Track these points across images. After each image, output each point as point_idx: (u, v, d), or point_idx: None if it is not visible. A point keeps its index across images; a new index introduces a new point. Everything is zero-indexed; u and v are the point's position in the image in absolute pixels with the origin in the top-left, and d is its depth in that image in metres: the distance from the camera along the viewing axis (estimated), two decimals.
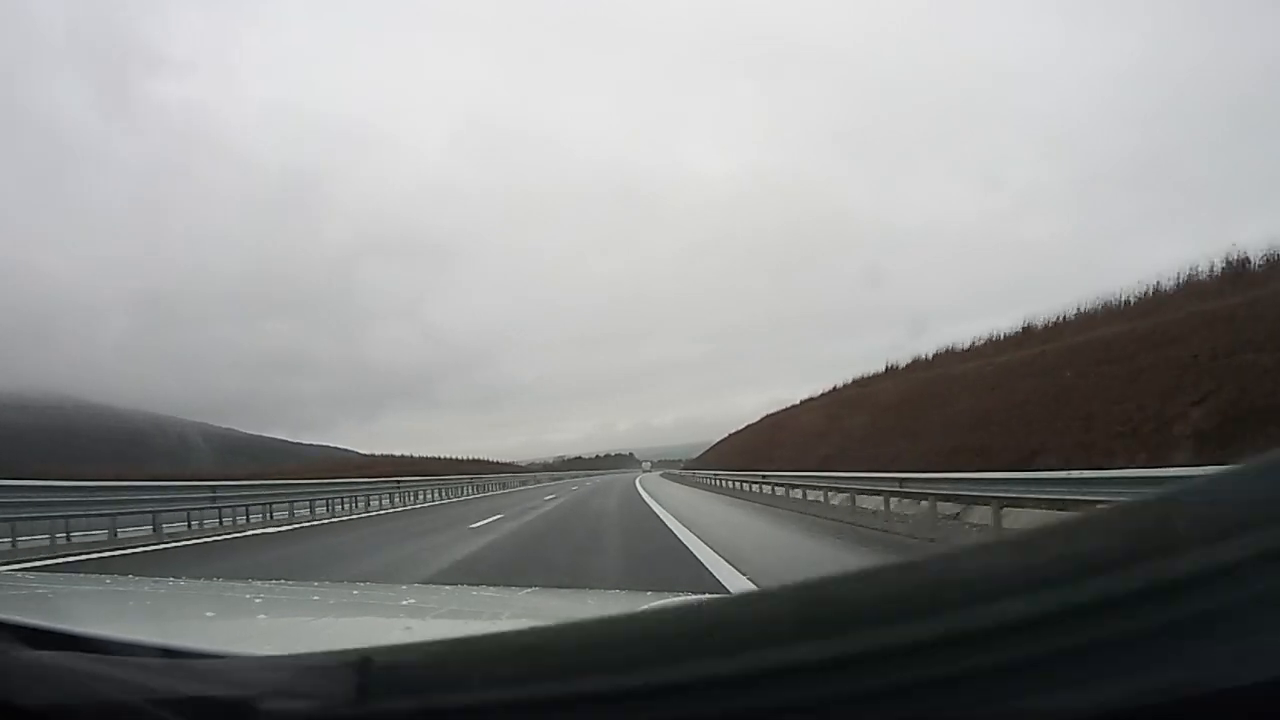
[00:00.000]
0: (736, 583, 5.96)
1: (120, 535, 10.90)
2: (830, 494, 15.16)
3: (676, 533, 10.63)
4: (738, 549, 8.74)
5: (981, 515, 9.63)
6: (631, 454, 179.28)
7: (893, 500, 12.03)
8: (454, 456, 56.15)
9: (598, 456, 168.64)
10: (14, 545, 9.57)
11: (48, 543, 9.99)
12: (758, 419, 51.84)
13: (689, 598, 2.19)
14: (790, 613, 0.71)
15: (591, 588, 5.41)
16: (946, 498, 10.54)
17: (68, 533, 10.26)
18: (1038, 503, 8.48)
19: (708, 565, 7.05)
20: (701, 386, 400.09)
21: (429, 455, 52.59)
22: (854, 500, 13.78)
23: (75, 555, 9.21)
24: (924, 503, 10.88)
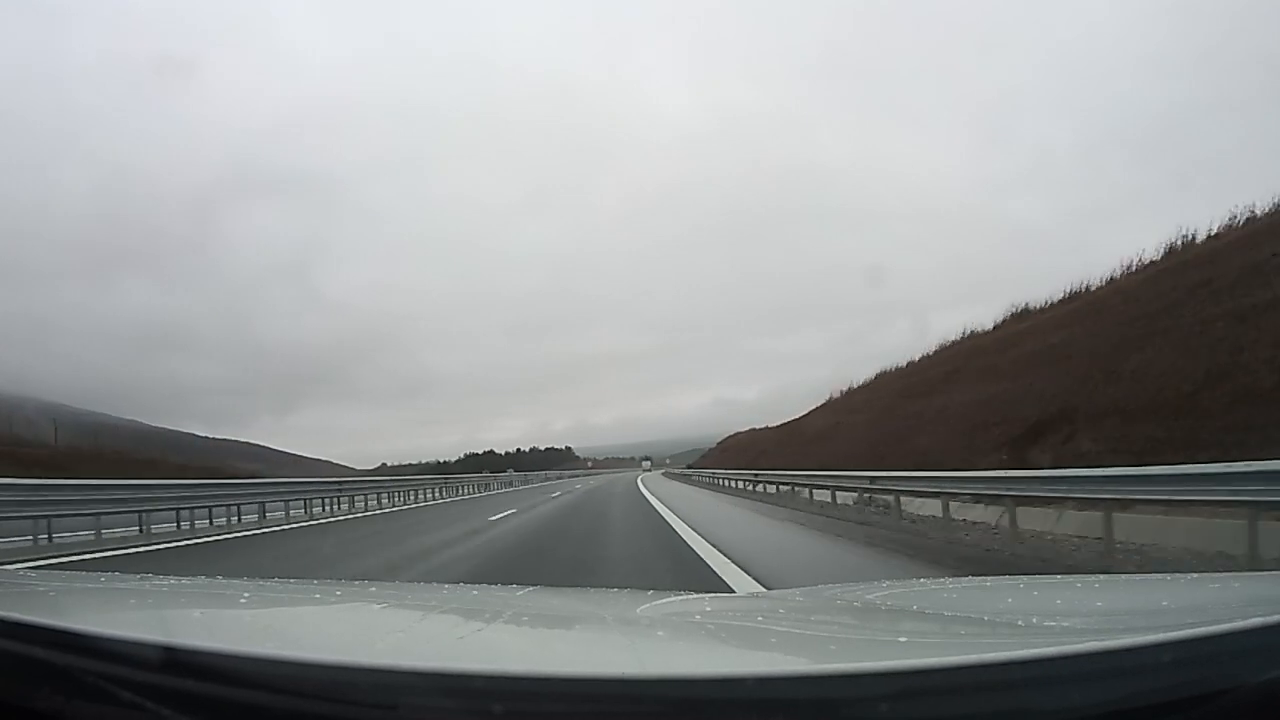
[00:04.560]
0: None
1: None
2: None
3: None
4: None
5: None
6: (568, 448, 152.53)
7: None
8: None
9: (518, 451, 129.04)
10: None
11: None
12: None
13: (690, 596, 2.20)
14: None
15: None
16: None
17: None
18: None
19: None
20: (642, 383, 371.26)
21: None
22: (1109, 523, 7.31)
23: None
24: None
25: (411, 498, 23.86)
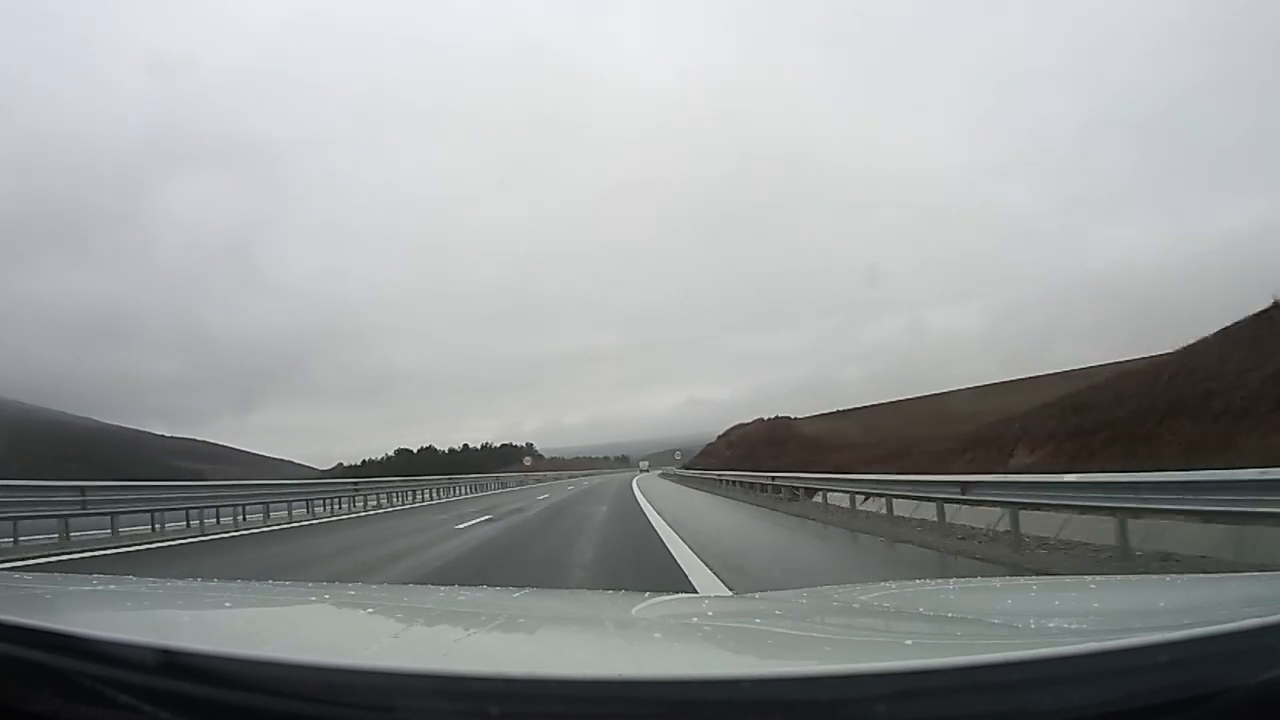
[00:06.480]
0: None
1: None
2: None
3: None
4: None
5: None
6: (530, 444, 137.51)
7: None
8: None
9: (465, 449, 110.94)
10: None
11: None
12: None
13: (686, 597, 2.21)
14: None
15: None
16: None
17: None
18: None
19: None
20: (615, 382, 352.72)
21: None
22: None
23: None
24: None
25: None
